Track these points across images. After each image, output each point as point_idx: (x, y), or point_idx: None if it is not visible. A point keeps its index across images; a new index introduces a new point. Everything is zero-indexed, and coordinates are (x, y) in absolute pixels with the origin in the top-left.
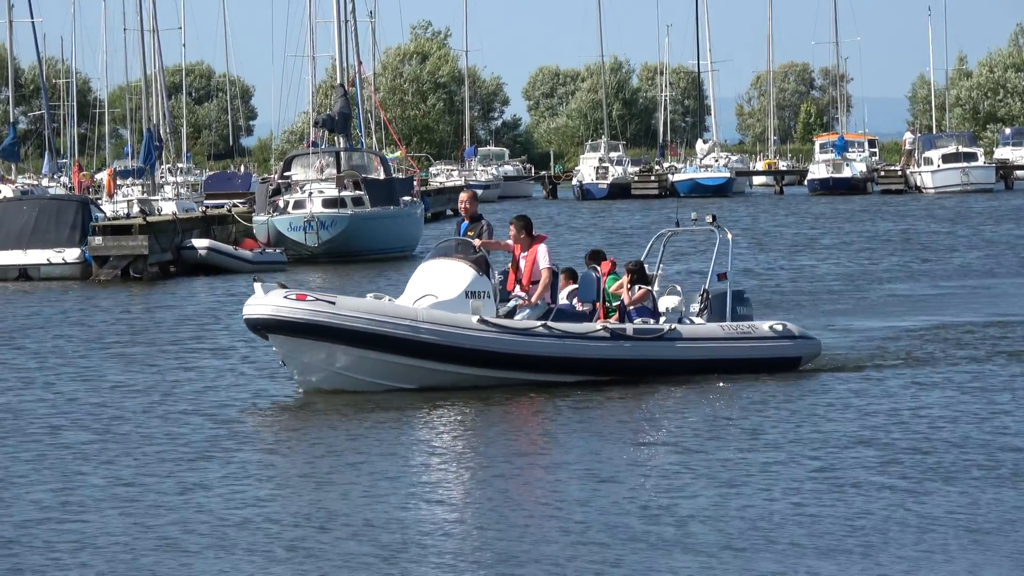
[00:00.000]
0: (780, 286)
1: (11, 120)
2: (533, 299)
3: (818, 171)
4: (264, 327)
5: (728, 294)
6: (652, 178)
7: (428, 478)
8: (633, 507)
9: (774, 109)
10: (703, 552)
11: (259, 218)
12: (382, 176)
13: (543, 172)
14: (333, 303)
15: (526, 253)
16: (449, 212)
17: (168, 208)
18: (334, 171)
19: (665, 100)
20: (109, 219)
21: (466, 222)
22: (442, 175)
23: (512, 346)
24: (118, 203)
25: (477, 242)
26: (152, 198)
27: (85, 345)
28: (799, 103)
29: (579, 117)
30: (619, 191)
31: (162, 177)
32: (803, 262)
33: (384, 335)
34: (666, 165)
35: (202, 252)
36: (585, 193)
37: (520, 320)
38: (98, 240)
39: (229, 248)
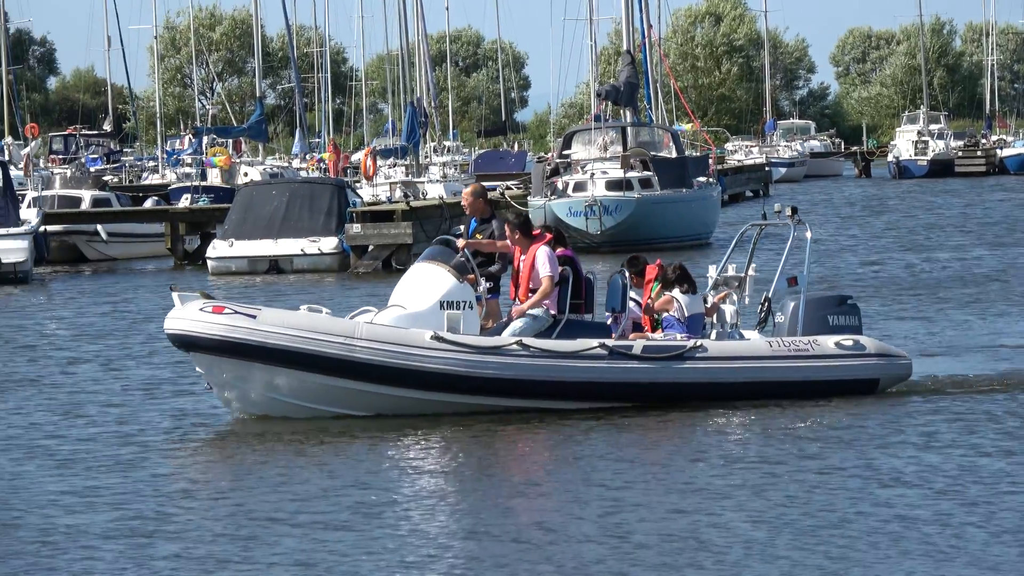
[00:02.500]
0: None
1: (258, 94)
2: (523, 307)
3: None
4: (180, 344)
5: (801, 302)
6: (978, 153)
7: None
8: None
9: None
10: None
11: (535, 202)
12: (673, 154)
13: (854, 148)
14: (254, 317)
15: (524, 257)
16: (749, 193)
17: (434, 191)
18: (619, 149)
19: (992, 65)
20: (368, 204)
21: (474, 222)
22: (740, 152)
23: (473, 367)
24: (378, 186)
25: (461, 242)
26: (416, 180)
27: None
28: None
29: (894, 85)
30: (941, 168)
31: (427, 157)
32: None
33: (312, 354)
34: (994, 139)
35: None
36: (902, 171)
37: (492, 337)
38: (356, 228)
39: None
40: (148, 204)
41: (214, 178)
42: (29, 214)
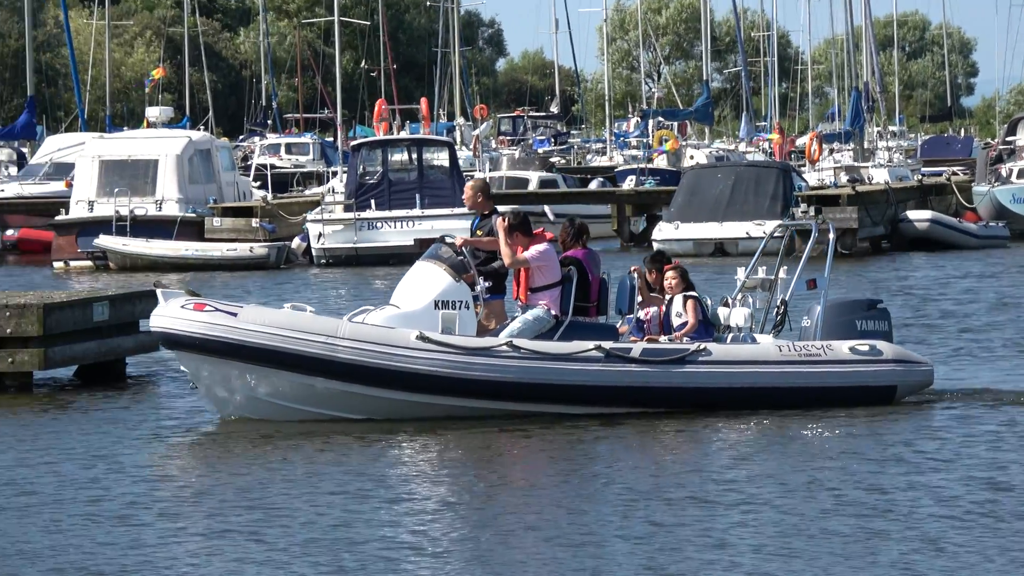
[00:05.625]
0: None
1: (704, 78)
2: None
3: None
4: (163, 342)
5: (821, 306)
6: None
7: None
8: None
9: None
10: None
11: (979, 188)
12: None
13: None
14: (235, 315)
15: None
16: None
17: (879, 176)
18: None
19: None
20: (814, 188)
21: (477, 218)
22: None
23: (459, 368)
24: (823, 171)
25: (459, 240)
26: (861, 165)
27: None
28: None
29: None
30: None
31: (872, 142)
32: None
33: (291, 353)
34: None
35: (922, 225)
36: None
37: (480, 337)
38: (802, 211)
39: (954, 221)
40: (593, 185)
41: (661, 160)
42: None
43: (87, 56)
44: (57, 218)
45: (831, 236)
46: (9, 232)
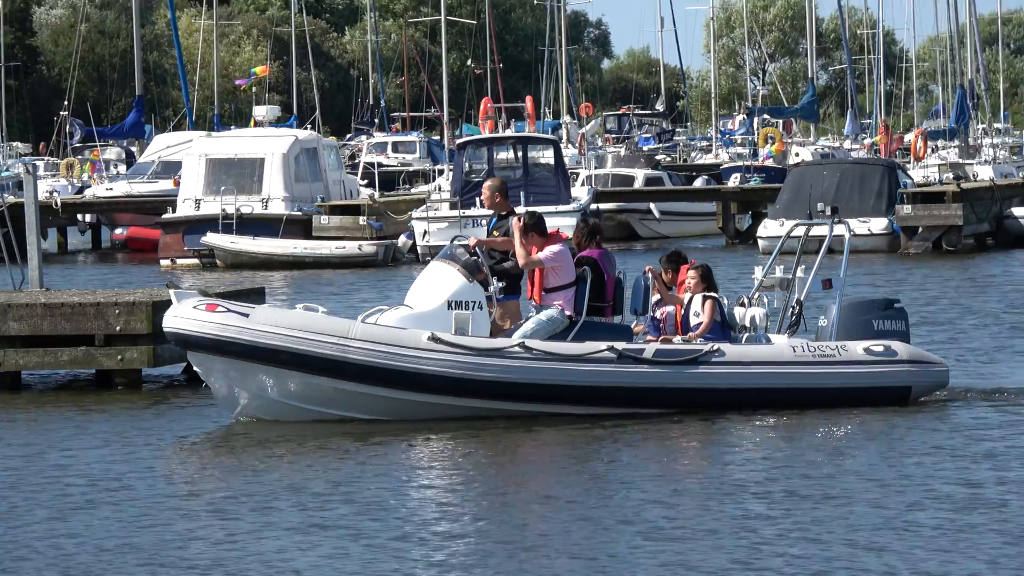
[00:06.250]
0: None
1: (810, 75)
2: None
3: None
4: (176, 342)
5: (836, 305)
6: None
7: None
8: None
9: None
10: None
11: None
12: None
13: None
14: (246, 315)
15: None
16: None
17: (984, 173)
18: None
19: None
20: (919, 185)
21: (495, 218)
22: None
23: (470, 369)
24: (928, 168)
25: (472, 240)
26: (966, 162)
27: None
28: None
29: None
30: None
31: (977, 139)
32: None
33: (303, 353)
34: None
35: None
36: None
37: (496, 338)
38: (907, 209)
39: None
40: (699, 183)
41: (766, 158)
42: (580, 192)
43: (195, 56)
44: (164, 216)
45: (847, 236)
46: (118, 230)
